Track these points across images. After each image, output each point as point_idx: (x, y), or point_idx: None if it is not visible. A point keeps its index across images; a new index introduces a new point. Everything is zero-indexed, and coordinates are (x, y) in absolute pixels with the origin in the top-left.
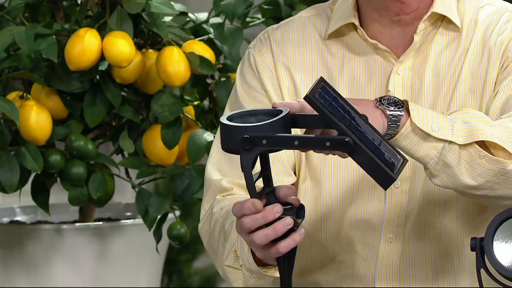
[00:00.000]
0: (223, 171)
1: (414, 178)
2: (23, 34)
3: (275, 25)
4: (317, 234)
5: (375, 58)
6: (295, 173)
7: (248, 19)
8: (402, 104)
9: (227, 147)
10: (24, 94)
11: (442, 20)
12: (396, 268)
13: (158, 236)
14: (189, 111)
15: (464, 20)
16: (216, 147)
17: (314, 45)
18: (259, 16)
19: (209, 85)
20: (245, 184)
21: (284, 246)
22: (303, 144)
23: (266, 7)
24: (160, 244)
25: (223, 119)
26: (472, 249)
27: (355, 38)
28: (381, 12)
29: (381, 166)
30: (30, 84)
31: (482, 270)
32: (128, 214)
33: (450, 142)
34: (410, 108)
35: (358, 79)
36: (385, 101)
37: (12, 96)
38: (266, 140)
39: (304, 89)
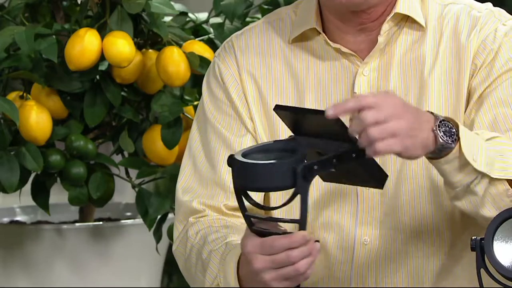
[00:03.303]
0: (192, 191)
1: None
2: (23, 34)
3: (239, 32)
4: None
5: (341, 61)
6: None
7: (248, 19)
8: (456, 136)
9: (275, 185)
10: (24, 94)
11: (406, 20)
12: (372, 270)
13: (158, 236)
14: (189, 111)
15: (429, 18)
16: (183, 166)
17: (278, 50)
18: (259, 16)
19: None
20: (300, 215)
21: (304, 264)
22: (338, 161)
23: (266, 7)
24: (160, 244)
25: (258, 161)
26: (472, 249)
27: (319, 43)
28: (345, 22)
29: (377, 164)
30: (30, 84)
31: (482, 270)
32: (128, 214)
33: (484, 174)
34: (460, 134)
35: (324, 82)
36: (442, 127)
37: (12, 96)
38: (317, 166)
39: (270, 97)
